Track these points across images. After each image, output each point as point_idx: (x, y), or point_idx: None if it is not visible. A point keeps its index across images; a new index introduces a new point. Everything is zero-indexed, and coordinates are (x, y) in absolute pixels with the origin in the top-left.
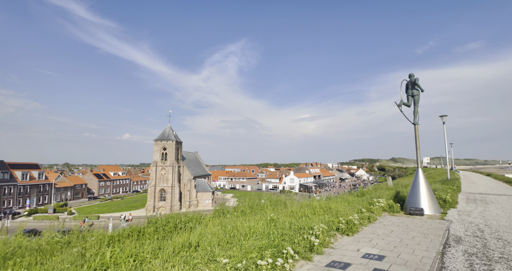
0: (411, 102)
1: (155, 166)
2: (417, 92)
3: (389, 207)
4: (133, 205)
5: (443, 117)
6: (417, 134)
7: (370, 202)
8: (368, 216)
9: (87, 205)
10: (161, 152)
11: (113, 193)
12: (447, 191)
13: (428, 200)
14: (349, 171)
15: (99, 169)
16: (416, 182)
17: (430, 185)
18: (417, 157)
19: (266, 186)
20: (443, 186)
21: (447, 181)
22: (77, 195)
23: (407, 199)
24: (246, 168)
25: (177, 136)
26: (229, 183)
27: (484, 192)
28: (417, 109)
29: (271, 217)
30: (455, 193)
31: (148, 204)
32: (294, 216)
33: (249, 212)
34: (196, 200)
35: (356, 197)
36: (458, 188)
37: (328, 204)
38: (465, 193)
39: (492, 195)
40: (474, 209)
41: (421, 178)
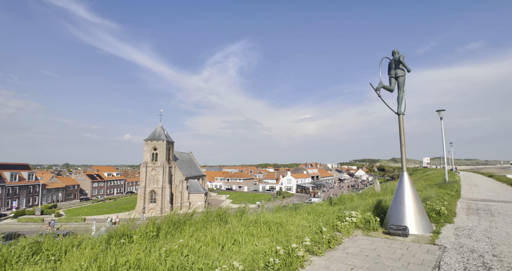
0: (394, 85)
1: (145, 167)
2: (402, 73)
3: (365, 223)
4: (124, 207)
5: (441, 112)
6: (401, 126)
7: (340, 215)
8: (329, 239)
9: (77, 207)
10: (152, 152)
11: (107, 194)
12: (443, 198)
13: (415, 215)
14: (349, 172)
15: (93, 169)
16: (400, 190)
17: (425, 190)
18: (402, 156)
19: (263, 187)
20: (439, 191)
21: (444, 184)
22: (69, 196)
23: (388, 212)
24: (244, 168)
25: (169, 135)
26: (225, 184)
27: (488, 198)
28: (402, 95)
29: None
30: (454, 200)
31: (138, 206)
32: (214, 242)
33: (152, 236)
34: (188, 202)
35: (329, 206)
36: (458, 193)
37: (282, 219)
38: (465, 199)
39: (498, 203)
40: (477, 225)
41: (406, 185)
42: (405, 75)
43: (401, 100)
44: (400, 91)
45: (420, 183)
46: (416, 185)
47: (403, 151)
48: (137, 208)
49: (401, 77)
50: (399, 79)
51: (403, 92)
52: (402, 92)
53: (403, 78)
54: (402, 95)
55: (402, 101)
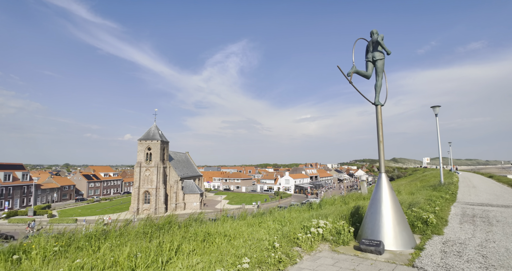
0: (371, 70)
1: (139, 167)
2: (381, 56)
3: (336, 234)
4: (119, 208)
5: (435, 108)
6: (379, 119)
7: (307, 225)
8: (281, 258)
9: (72, 207)
10: (146, 152)
11: (104, 194)
12: (435, 202)
13: (393, 226)
14: (348, 172)
15: (89, 169)
16: (376, 196)
17: (418, 192)
18: (380, 154)
19: (261, 187)
20: (432, 194)
21: (440, 186)
22: (64, 196)
23: (363, 222)
24: (243, 168)
25: (163, 135)
26: (223, 184)
27: (486, 201)
28: (381, 82)
29: None
30: (447, 205)
31: (132, 207)
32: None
33: (52, 252)
34: (183, 203)
35: (303, 212)
36: (453, 196)
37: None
38: (461, 203)
39: (497, 208)
40: (471, 237)
41: (384, 190)
42: (384, 58)
43: (379, 88)
44: (379, 78)
45: (414, 185)
46: (410, 187)
47: (381, 148)
48: (130, 209)
49: (379, 60)
50: (377, 63)
51: (381, 79)
52: (381, 79)
53: (381, 62)
54: (381, 82)
55: (381, 89)
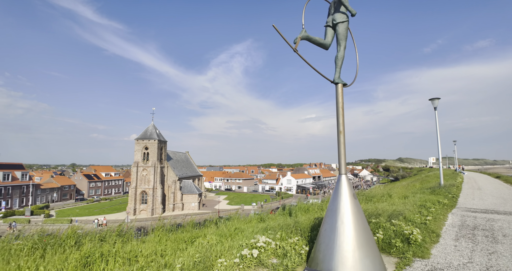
0: (331, 38)
1: (136, 167)
2: (343, 18)
3: (282, 256)
4: (117, 208)
5: (434, 101)
6: (340, 101)
7: (247, 244)
8: None
9: (70, 207)
10: (143, 152)
11: (105, 194)
12: (429, 209)
13: (353, 250)
14: (353, 172)
15: (90, 169)
16: (333, 206)
17: (414, 195)
18: (340, 149)
19: (263, 188)
20: (428, 199)
21: (439, 188)
22: (64, 196)
23: (316, 242)
24: (245, 168)
25: (161, 134)
26: (225, 184)
27: (491, 207)
28: (343, 53)
29: None
30: (444, 212)
31: (129, 207)
32: None
33: None
34: (181, 203)
35: (250, 224)
36: (453, 201)
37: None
38: (461, 210)
39: (504, 216)
40: (468, 262)
41: (343, 198)
42: (347, 21)
43: (341, 60)
44: (340, 47)
45: (412, 186)
46: (405, 190)
47: (341, 141)
48: (128, 209)
49: (340, 24)
50: (338, 28)
51: (344, 49)
52: (344, 49)
53: (344, 26)
54: (343, 54)
55: (342, 62)
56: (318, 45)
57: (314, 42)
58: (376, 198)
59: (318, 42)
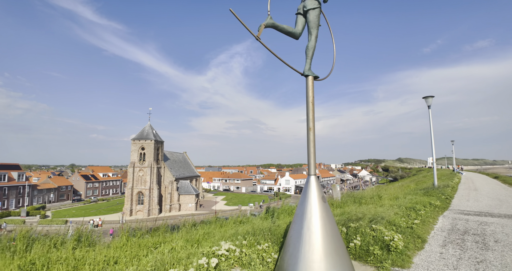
0: (302, 26)
1: (132, 167)
2: (314, 4)
3: (246, 265)
4: (114, 208)
5: (428, 99)
6: (310, 95)
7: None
8: None
9: (67, 208)
10: (139, 152)
11: (102, 194)
12: (418, 212)
13: (319, 260)
14: (352, 172)
15: (88, 170)
16: (300, 210)
17: (405, 196)
18: (309, 147)
19: (261, 188)
20: (419, 200)
21: (433, 189)
22: (61, 197)
23: (282, 250)
24: (244, 169)
25: (157, 135)
26: (223, 184)
27: (486, 209)
28: (314, 43)
29: None
30: (435, 215)
31: (125, 208)
32: None
33: None
34: (178, 204)
35: (221, 228)
36: (446, 203)
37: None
38: (454, 212)
39: (498, 219)
40: None
41: (311, 201)
42: (318, 8)
43: (311, 51)
44: (311, 37)
45: (406, 187)
46: (399, 190)
47: (311, 138)
48: (124, 210)
49: (311, 11)
50: (309, 15)
51: (316, 38)
52: (315, 38)
53: (315, 13)
54: (314, 44)
55: (313, 52)
56: (287, 34)
57: (282, 31)
58: (364, 199)
59: (286, 30)
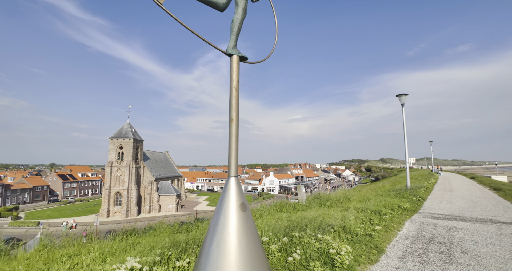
0: None
1: (110, 167)
2: None
3: None
4: (91, 209)
5: (402, 97)
6: (234, 78)
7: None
8: None
9: (42, 209)
10: (117, 151)
11: (81, 195)
12: (384, 216)
13: None
14: (336, 172)
15: (65, 169)
16: (216, 216)
17: (377, 198)
18: (231, 146)
19: (245, 188)
20: (388, 203)
21: (405, 191)
22: (37, 197)
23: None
24: None
25: (137, 133)
26: (207, 184)
27: (457, 212)
28: (240, 15)
29: None
30: (402, 219)
31: (102, 209)
32: None
33: None
34: (158, 205)
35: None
36: (417, 205)
37: None
38: (424, 215)
39: (469, 223)
40: None
41: (229, 207)
42: None
43: (236, 25)
44: (238, 8)
45: (381, 188)
46: (372, 192)
47: (233, 132)
48: (101, 211)
49: None
50: None
51: (243, 11)
52: (242, 11)
53: None
54: (241, 17)
55: (239, 28)
56: (208, 4)
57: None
58: (331, 201)
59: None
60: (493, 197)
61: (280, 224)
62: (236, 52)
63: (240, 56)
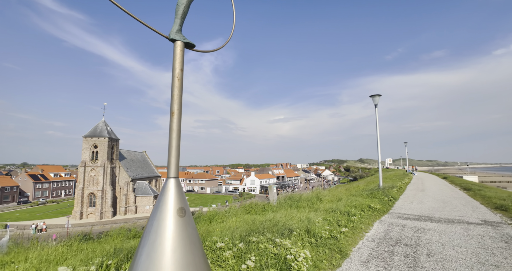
0: None
1: (83, 167)
2: None
3: None
4: (63, 211)
5: (375, 98)
6: (177, 66)
7: None
8: None
9: (10, 211)
10: (91, 151)
11: (53, 196)
12: (352, 216)
13: None
14: (316, 172)
15: (37, 169)
16: (147, 228)
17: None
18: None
19: (226, 188)
20: (359, 203)
21: (377, 191)
22: (6, 198)
23: None
24: (210, 169)
25: (112, 132)
26: (187, 185)
27: (427, 212)
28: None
29: None
30: (372, 220)
31: (75, 211)
32: None
33: None
34: (134, 206)
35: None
36: (387, 205)
37: None
38: (394, 216)
39: (437, 224)
40: None
41: (163, 217)
42: None
43: (182, 7)
44: None
45: (355, 187)
46: (346, 192)
47: (174, 127)
48: (74, 213)
49: None
50: None
51: None
52: None
53: None
54: None
55: (184, 10)
56: None
57: None
58: (302, 202)
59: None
60: (463, 197)
61: (243, 227)
62: (180, 37)
63: (186, 42)
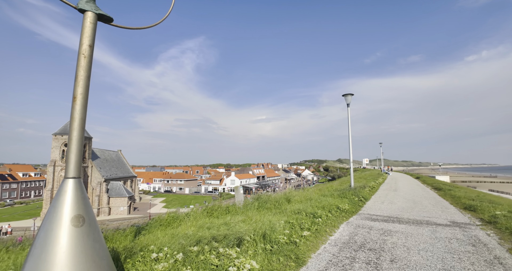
0: None
1: (52, 166)
2: None
3: None
4: (32, 213)
5: (348, 97)
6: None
7: None
8: None
9: None
10: (62, 149)
11: (22, 197)
12: (317, 218)
13: None
14: (296, 172)
15: (4, 168)
16: (34, 243)
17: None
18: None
19: (206, 188)
20: (328, 204)
21: (348, 191)
22: None
23: None
24: (190, 169)
25: (85, 130)
26: (165, 185)
27: (396, 213)
28: None
29: None
30: (338, 221)
31: (43, 213)
32: None
33: None
34: (107, 207)
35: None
36: (358, 205)
37: None
38: (362, 217)
39: (405, 225)
40: None
41: (52, 228)
42: None
43: None
44: None
45: (329, 187)
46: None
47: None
48: (42, 215)
49: None
50: None
51: None
52: None
53: None
54: None
55: None
56: None
57: None
58: (269, 204)
59: None
60: (433, 197)
61: (195, 234)
62: (91, 7)
63: (99, 13)
